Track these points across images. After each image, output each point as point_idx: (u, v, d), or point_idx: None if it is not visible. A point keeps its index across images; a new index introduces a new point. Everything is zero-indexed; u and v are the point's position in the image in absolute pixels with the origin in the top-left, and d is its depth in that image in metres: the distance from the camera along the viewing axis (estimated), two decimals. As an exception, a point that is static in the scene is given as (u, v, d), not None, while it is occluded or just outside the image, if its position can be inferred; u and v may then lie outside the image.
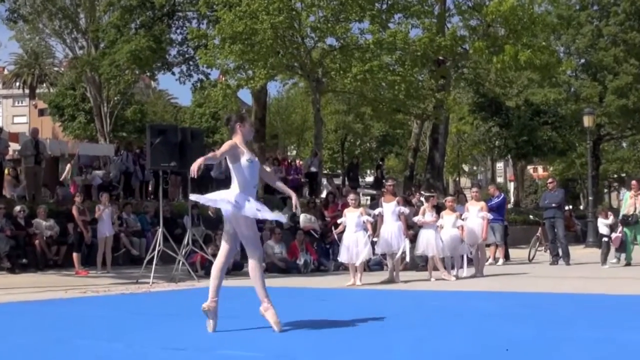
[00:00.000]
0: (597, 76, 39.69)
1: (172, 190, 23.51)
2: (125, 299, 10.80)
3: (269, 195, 22.58)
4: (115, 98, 40.51)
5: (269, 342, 6.29)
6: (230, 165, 6.93)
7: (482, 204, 14.84)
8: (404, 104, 30.01)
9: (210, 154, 6.92)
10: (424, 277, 13.76)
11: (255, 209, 6.73)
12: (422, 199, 16.39)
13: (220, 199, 6.80)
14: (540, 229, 20.98)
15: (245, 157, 6.85)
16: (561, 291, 10.87)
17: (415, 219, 13.87)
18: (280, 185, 7.56)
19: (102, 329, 7.32)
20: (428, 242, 13.59)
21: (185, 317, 8.17)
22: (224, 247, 7.02)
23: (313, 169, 28.53)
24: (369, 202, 19.34)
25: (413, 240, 14.25)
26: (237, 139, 6.94)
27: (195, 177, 6.58)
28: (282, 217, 7.66)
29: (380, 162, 36.25)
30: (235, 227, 6.87)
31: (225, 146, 6.85)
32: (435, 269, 13.73)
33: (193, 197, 7.15)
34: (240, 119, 7.09)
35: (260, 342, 6.28)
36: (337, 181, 40.23)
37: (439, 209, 14.88)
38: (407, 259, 13.63)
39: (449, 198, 14.58)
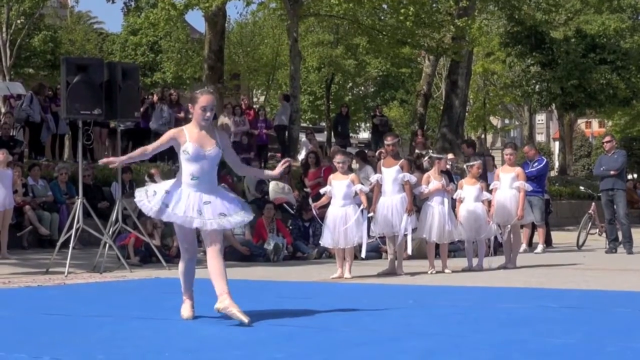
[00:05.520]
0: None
1: (97, 148, 23.43)
2: (32, 295, 10.75)
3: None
4: (19, 21, 40.17)
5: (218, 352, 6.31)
6: None
7: (518, 170, 14.84)
8: (412, 33, 29.98)
9: (137, 151, 8.00)
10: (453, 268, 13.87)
11: (160, 205, 7.55)
12: (426, 160, 16.34)
13: (139, 194, 7.74)
14: (593, 204, 21.08)
15: (182, 148, 7.65)
16: (621, 289, 10.95)
17: (417, 190, 13.82)
18: (249, 170, 8.15)
19: (-1, 334, 7.31)
20: (432, 223, 13.61)
21: (115, 319, 8.17)
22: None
23: (284, 120, 28.51)
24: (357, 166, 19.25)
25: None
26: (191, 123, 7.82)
27: (104, 165, 7.84)
28: (240, 221, 7.89)
29: (375, 112, 35.23)
30: None
31: (164, 137, 7.81)
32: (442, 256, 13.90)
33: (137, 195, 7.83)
34: (190, 99, 7.99)
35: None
36: (321, 137, 40.27)
37: (448, 174, 14.87)
38: (409, 249, 13.55)
39: (475, 163, 14.52)
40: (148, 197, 7.62)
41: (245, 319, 7.34)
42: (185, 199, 7.53)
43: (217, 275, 7.53)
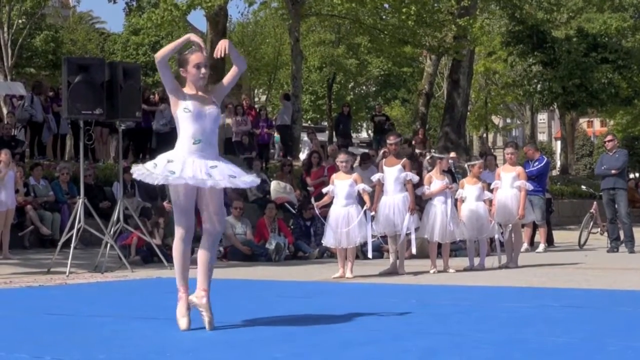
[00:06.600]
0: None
1: (98, 148, 23.43)
2: (33, 294, 10.76)
3: (230, 156, 22.57)
4: (20, 21, 40.13)
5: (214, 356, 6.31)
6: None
7: (519, 169, 14.85)
8: (414, 33, 29.99)
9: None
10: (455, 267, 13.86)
11: (165, 173, 7.09)
12: (427, 160, 16.36)
13: (137, 169, 7.29)
14: (595, 204, 21.08)
15: (182, 106, 7.35)
16: (622, 288, 10.94)
17: (419, 190, 13.79)
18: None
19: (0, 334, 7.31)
20: (435, 223, 13.60)
21: (117, 319, 8.16)
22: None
23: (286, 119, 28.52)
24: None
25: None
26: (186, 87, 7.46)
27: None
28: (251, 181, 7.47)
29: (376, 112, 35.29)
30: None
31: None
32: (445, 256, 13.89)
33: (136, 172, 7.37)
34: (179, 63, 7.51)
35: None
36: (322, 137, 40.27)
37: (451, 174, 14.85)
38: (413, 247, 13.55)
39: (477, 162, 14.55)
40: (149, 170, 7.20)
41: (208, 327, 7.14)
42: (191, 164, 7.15)
43: (203, 269, 7.32)
